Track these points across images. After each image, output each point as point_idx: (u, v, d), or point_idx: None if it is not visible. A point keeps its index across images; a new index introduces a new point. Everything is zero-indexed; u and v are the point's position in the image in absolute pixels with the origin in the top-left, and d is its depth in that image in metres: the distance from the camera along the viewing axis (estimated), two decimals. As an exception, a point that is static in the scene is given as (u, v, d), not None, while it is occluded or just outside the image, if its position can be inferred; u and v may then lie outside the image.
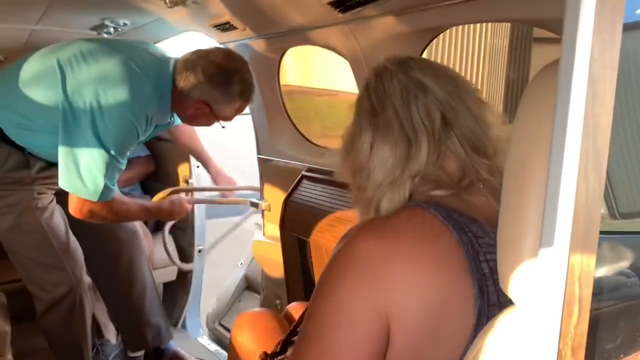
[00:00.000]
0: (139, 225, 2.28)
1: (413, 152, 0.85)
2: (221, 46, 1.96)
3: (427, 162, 0.84)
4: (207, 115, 1.82)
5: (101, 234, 2.06)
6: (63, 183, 1.67)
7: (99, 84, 1.64)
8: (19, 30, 2.42)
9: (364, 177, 0.89)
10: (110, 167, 1.65)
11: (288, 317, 1.51)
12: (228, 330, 2.50)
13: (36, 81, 1.70)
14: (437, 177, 0.84)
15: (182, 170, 2.90)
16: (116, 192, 1.74)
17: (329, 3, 1.33)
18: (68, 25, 2.31)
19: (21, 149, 1.77)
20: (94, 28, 2.29)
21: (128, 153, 1.73)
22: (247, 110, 1.94)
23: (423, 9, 1.24)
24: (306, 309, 0.85)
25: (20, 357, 1.89)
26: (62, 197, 1.83)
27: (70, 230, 1.94)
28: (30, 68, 1.74)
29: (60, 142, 1.65)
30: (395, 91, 0.87)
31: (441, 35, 1.57)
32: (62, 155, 1.65)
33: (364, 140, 0.88)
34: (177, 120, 2.00)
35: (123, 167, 1.72)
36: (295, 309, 1.54)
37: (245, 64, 1.78)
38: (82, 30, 2.34)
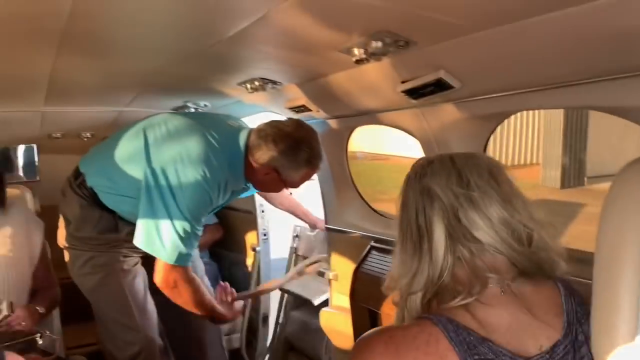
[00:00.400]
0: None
1: (419, 265, 0.88)
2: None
3: (432, 274, 0.86)
4: (276, 181, 1.92)
5: None
6: (142, 243, 1.79)
7: (180, 162, 1.79)
8: (109, 112, 2.68)
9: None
10: (187, 233, 1.78)
11: None
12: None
13: (127, 153, 1.89)
14: (450, 287, 0.85)
15: (249, 238, 3.02)
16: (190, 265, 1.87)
17: (403, 91, 1.44)
18: (153, 107, 2.54)
19: (112, 212, 1.94)
20: (176, 109, 2.50)
21: (203, 219, 1.86)
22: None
23: (494, 97, 1.33)
24: None
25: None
26: (146, 261, 1.97)
27: (149, 293, 2.06)
28: (123, 140, 1.93)
29: (142, 207, 1.79)
30: (411, 202, 0.92)
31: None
32: (143, 219, 1.79)
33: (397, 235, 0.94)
34: (253, 189, 2.13)
35: (200, 233, 1.84)
36: None
37: (314, 134, 1.90)
38: (165, 111, 2.56)
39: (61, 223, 2.04)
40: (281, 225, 2.83)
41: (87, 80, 1.86)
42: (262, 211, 2.87)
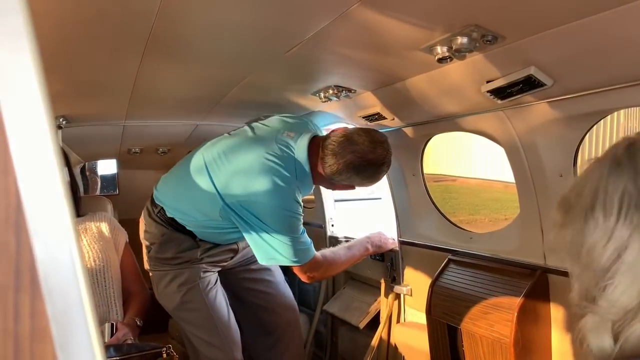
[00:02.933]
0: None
1: None
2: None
3: None
4: (347, 187, 1.96)
5: (260, 307, 2.19)
6: (265, 261, 1.86)
7: (253, 198, 1.78)
8: (185, 125, 2.76)
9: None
10: (292, 236, 1.81)
11: None
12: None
13: (197, 191, 1.89)
14: None
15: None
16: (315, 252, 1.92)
17: (489, 92, 1.37)
18: (227, 120, 2.59)
19: (193, 235, 1.97)
20: (249, 122, 2.53)
21: (300, 209, 1.87)
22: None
23: (590, 94, 1.23)
24: None
25: None
26: (225, 277, 1.98)
27: (231, 310, 2.07)
28: (188, 167, 1.95)
29: (245, 234, 1.85)
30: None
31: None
32: (252, 242, 1.84)
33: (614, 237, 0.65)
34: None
35: (301, 218, 1.87)
36: None
37: (388, 147, 1.84)
38: (238, 125, 2.61)
39: (143, 248, 2.09)
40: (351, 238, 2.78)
41: (169, 88, 1.92)
42: (332, 225, 2.84)
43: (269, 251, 1.81)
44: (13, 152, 0.24)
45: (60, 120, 2.27)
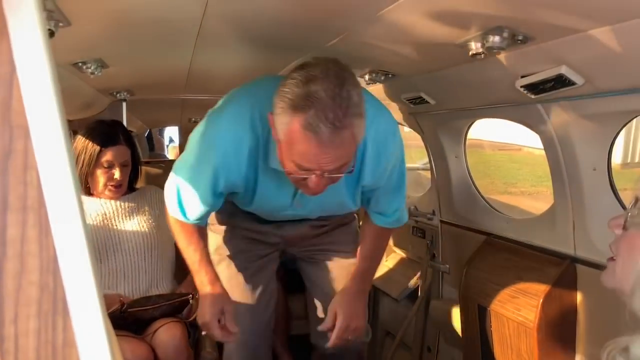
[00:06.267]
0: None
1: None
2: None
3: None
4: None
5: None
6: None
7: None
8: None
9: None
10: None
11: None
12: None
13: None
14: None
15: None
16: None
17: (523, 86, 1.39)
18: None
19: None
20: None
21: None
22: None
23: (620, 95, 1.24)
24: None
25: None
26: None
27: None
28: None
29: None
30: None
31: None
32: None
33: None
34: None
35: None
36: None
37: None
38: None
39: None
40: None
41: (223, 71, 2.04)
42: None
43: None
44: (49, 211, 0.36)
45: (125, 94, 2.46)
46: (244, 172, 1.49)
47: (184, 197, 1.58)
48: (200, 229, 1.67)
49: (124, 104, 2.69)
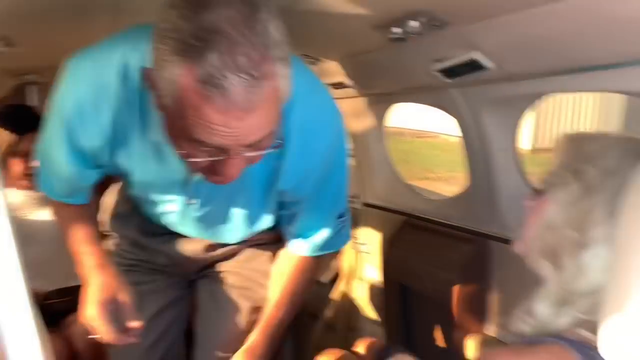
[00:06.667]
0: None
1: None
2: None
3: None
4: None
5: None
6: None
7: None
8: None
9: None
10: None
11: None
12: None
13: None
14: None
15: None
16: None
17: (439, 71, 1.45)
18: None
19: None
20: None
21: None
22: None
23: (529, 78, 1.32)
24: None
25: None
26: None
27: None
28: None
29: None
30: None
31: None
32: None
33: None
34: None
35: None
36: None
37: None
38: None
39: None
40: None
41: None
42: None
43: None
44: None
45: (35, 76, 2.28)
46: (107, 132, 1.05)
47: (44, 168, 1.23)
48: (84, 209, 1.29)
49: (35, 88, 2.48)
